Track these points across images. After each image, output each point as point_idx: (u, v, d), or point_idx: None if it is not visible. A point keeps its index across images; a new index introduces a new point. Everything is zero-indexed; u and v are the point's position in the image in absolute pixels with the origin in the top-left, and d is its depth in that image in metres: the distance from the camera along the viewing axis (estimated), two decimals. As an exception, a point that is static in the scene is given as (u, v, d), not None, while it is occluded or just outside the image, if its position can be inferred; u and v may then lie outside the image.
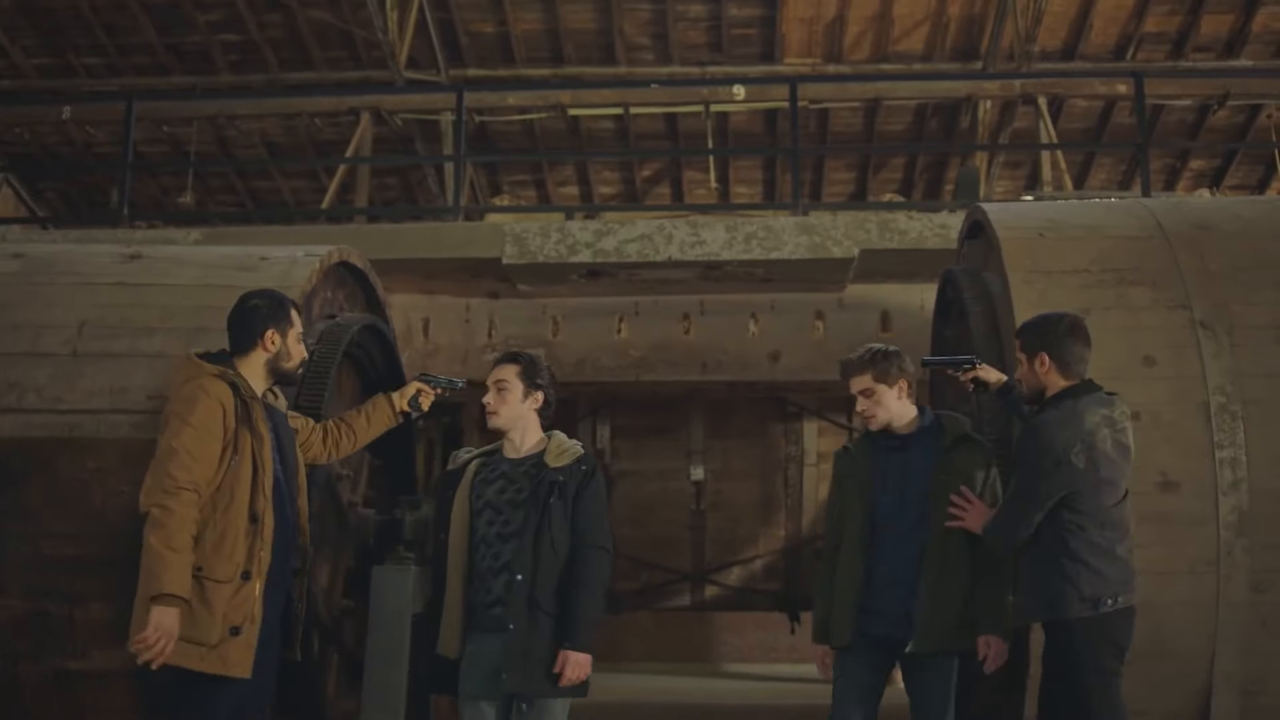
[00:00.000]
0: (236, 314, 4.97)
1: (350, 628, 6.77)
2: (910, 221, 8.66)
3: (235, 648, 4.49)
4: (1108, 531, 4.65)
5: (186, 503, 4.41)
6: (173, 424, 4.51)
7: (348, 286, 7.08)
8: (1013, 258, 5.73)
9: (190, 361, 4.75)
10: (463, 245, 8.79)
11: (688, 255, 8.59)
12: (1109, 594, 4.62)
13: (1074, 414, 4.67)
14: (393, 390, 7.12)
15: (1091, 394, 4.75)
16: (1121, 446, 4.70)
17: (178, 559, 4.34)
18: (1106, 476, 4.64)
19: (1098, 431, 4.64)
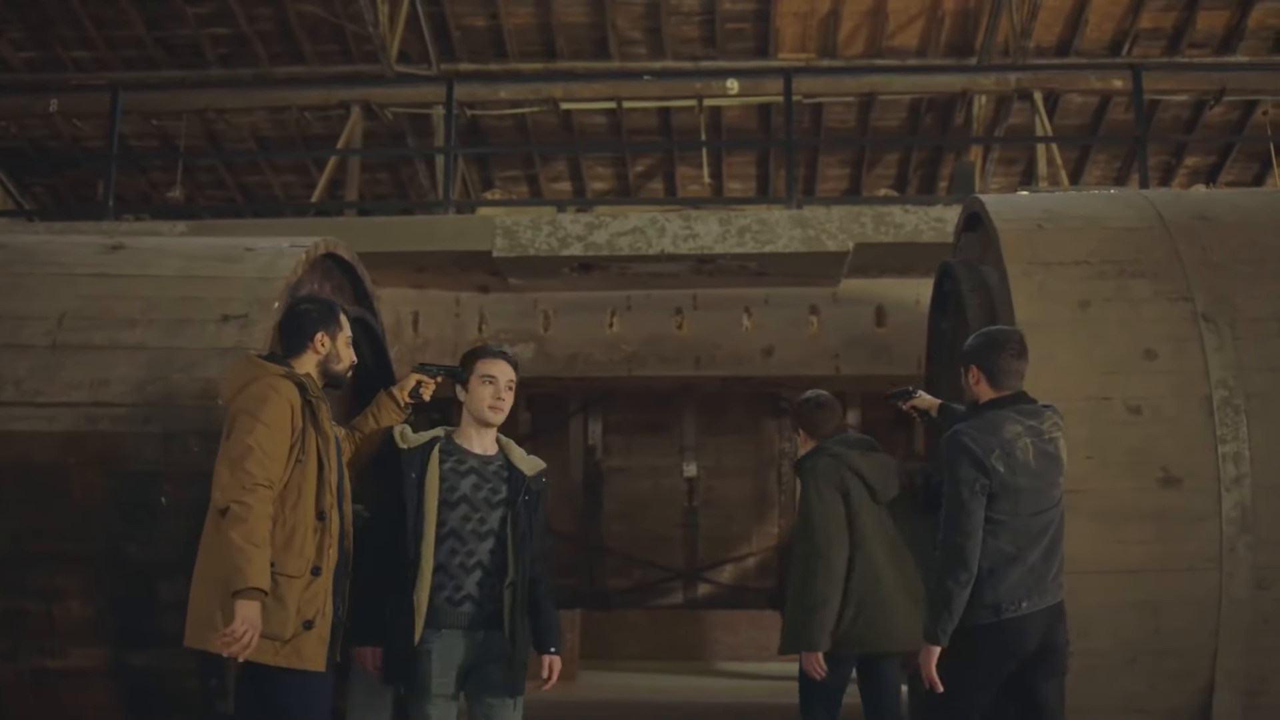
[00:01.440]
0: (288, 317, 5.06)
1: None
2: (906, 215, 8.56)
3: (309, 642, 4.56)
4: (1020, 539, 4.69)
5: (264, 499, 4.46)
6: (245, 422, 4.55)
7: (335, 279, 6.96)
8: (1011, 249, 5.63)
9: (253, 362, 4.82)
10: (453, 238, 8.67)
11: (681, 248, 8.48)
12: (1011, 600, 4.66)
13: (992, 423, 4.79)
14: (386, 384, 7.05)
15: (1017, 406, 4.85)
16: (1047, 456, 4.77)
17: (259, 553, 4.39)
18: (1025, 485, 4.70)
19: (1017, 441, 4.73)
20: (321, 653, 4.61)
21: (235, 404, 4.64)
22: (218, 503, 4.45)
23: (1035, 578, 4.69)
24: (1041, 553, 4.72)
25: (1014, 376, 4.91)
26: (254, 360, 4.84)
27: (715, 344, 9.28)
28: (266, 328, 5.71)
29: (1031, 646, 4.69)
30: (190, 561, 5.22)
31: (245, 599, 4.34)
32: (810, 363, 9.20)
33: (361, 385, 7.18)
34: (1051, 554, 4.75)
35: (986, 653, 4.70)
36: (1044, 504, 4.76)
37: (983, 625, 4.66)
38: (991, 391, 4.93)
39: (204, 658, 5.22)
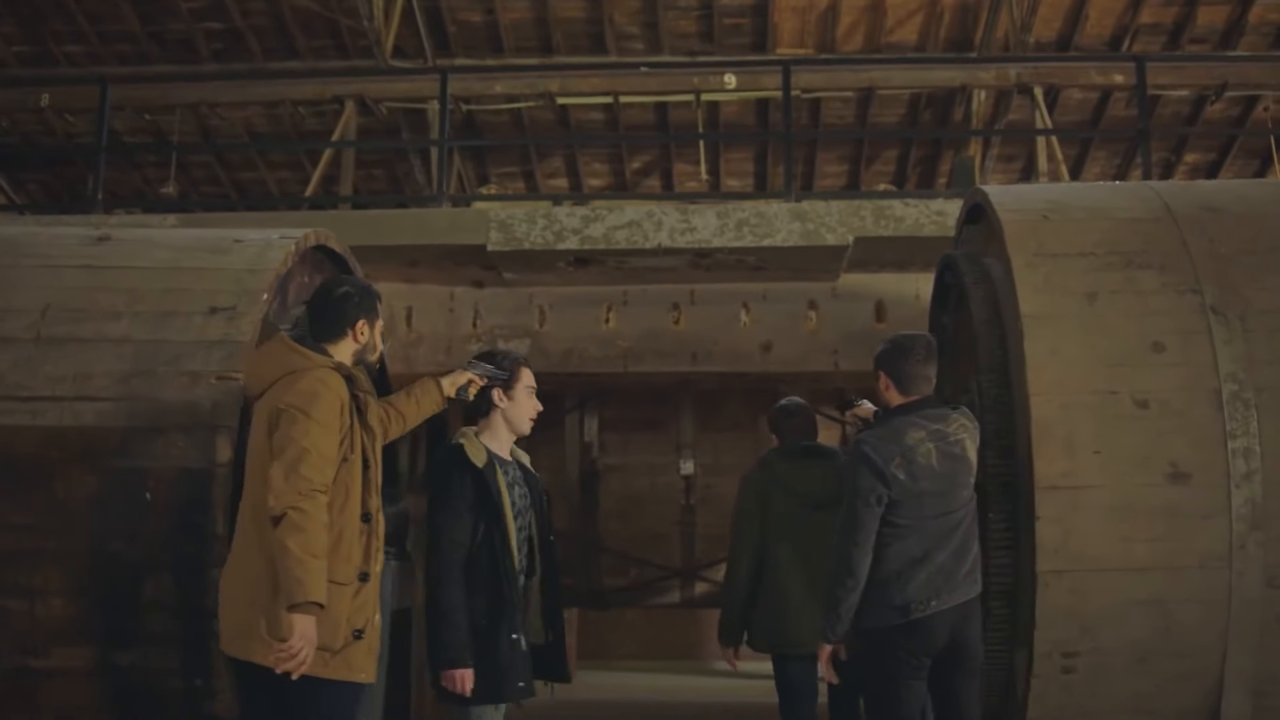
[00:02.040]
0: (327, 301, 4.76)
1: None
2: (906, 208, 8.44)
3: (359, 652, 4.38)
4: (926, 541, 4.89)
5: (321, 505, 4.24)
6: (300, 421, 4.27)
7: (326, 272, 6.83)
8: (1015, 240, 5.51)
9: (294, 349, 4.54)
10: (447, 231, 8.54)
11: (678, 242, 8.36)
12: (919, 600, 4.85)
13: (895, 430, 5.01)
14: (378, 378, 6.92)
15: (922, 410, 5.05)
16: (952, 458, 4.95)
17: (318, 565, 4.17)
18: (928, 489, 4.90)
19: (919, 446, 4.93)
20: (372, 664, 4.44)
21: (283, 399, 4.33)
22: (272, 509, 4.18)
23: (944, 577, 4.87)
24: (950, 553, 4.90)
25: (921, 381, 5.12)
26: (294, 346, 4.55)
27: (713, 340, 9.16)
28: (255, 320, 5.60)
29: (941, 643, 4.88)
30: (175, 560, 5.16)
31: (303, 613, 4.13)
32: (809, 359, 9.09)
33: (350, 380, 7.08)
34: (962, 553, 4.93)
35: (899, 652, 4.90)
36: (951, 505, 4.94)
37: (894, 626, 4.86)
38: (900, 397, 5.15)
39: (191, 658, 5.15)
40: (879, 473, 4.85)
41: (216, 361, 5.44)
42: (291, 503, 4.15)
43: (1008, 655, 5.41)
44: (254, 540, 4.32)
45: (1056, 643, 5.05)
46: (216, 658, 5.16)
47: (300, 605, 4.11)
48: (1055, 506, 5.01)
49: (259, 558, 4.27)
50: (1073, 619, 5.03)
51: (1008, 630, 5.36)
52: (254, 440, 4.48)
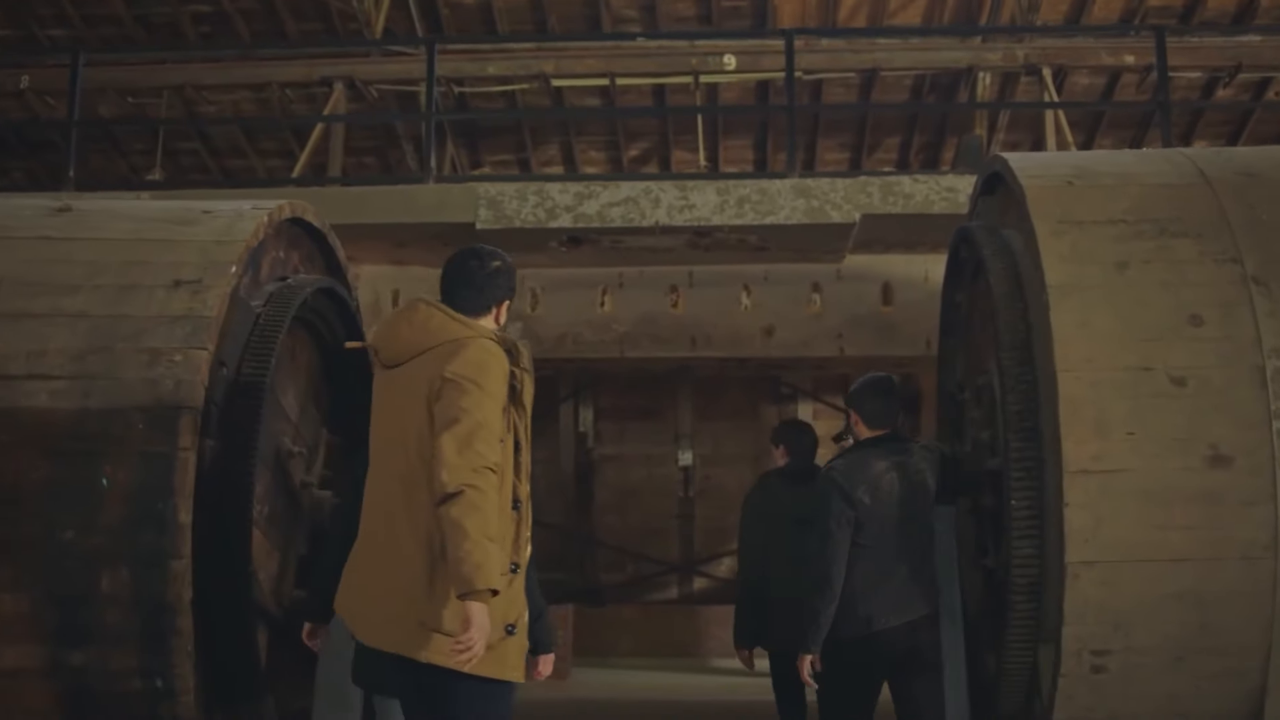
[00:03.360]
0: (480, 273, 4.33)
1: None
2: (915, 185, 8.06)
3: (512, 648, 4.00)
4: (887, 562, 5.31)
5: (494, 484, 3.85)
6: (472, 392, 3.86)
7: (303, 247, 6.47)
8: (1039, 206, 5.13)
9: (452, 315, 4.10)
10: (435, 209, 8.16)
11: (676, 220, 7.97)
12: (881, 614, 5.26)
13: (861, 460, 5.47)
14: (360, 361, 6.53)
15: (886, 444, 5.53)
16: (914, 486, 5.44)
17: (496, 550, 3.80)
18: (891, 514, 5.34)
19: (883, 475, 5.38)
20: (522, 661, 4.06)
21: (449, 367, 3.89)
22: (445, 485, 3.75)
23: (903, 594, 5.29)
24: (909, 572, 5.33)
25: (883, 416, 5.60)
26: (451, 313, 4.11)
27: (712, 323, 8.79)
28: (221, 294, 5.24)
29: (899, 653, 5.29)
30: (134, 550, 4.80)
31: (480, 600, 3.72)
32: (812, 343, 8.73)
33: (332, 362, 6.70)
34: (919, 573, 5.37)
35: (860, 660, 5.32)
36: (910, 530, 5.38)
37: (857, 637, 5.27)
38: (868, 431, 5.61)
39: (151, 657, 4.79)
40: (846, 497, 5.31)
41: (180, 338, 5.09)
42: (467, 480, 3.75)
43: (1031, 653, 5.03)
44: (402, 519, 3.94)
45: (1086, 640, 4.67)
46: (179, 656, 4.82)
47: (478, 593, 3.71)
48: (1085, 492, 4.63)
49: (409, 538, 3.90)
50: (1104, 614, 4.65)
51: (1031, 627, 4.98)
52: (399, 409, 4.03)
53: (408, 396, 3.98)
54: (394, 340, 4.12)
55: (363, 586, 4.02)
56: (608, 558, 11.36)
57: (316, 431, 6.46)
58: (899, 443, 5.59)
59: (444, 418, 3.83)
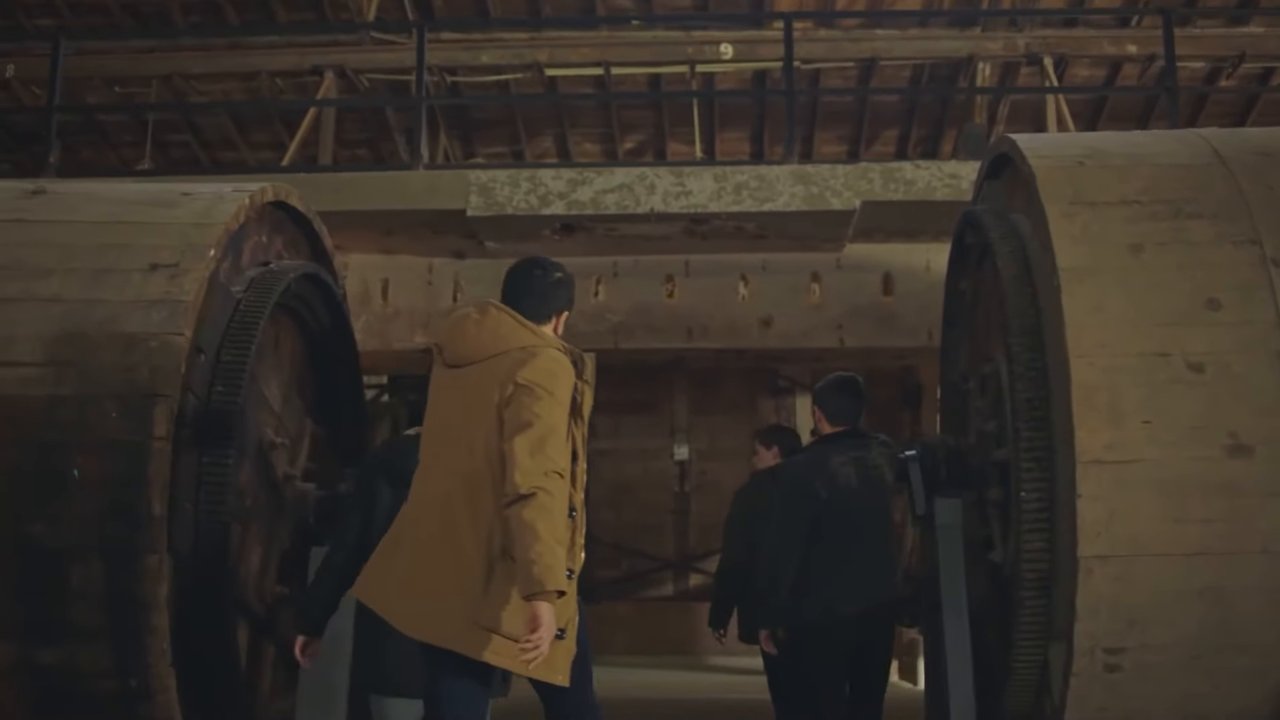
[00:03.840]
0: (543, 282, 4.37)
1: (287, 617, 5.95)
2: (917, 171, 7.85)
3: (560, 652, 3.99)
4: (844, 551, 5.74)
5: (563, 489, 3.94)
6: (544, 399, 3.92)
7: (287, 233, 6.27)
8: (1049, 188, 4.93)
9: (521, 321, 4.14)
10: (425, 195, 7.94)
11: (672, 207, 7.77)
12: (839, 600, 5.71)
13: (821, 455, 5.92)
14: (346, 350, 6.37)
15: (846, 440, 5.94)
16: (870, 481, 5.86)
17: (563, 552, 3.88)
18: (846, 506, 5.76)
19: (841, 470, 5.80)
20: (568, 665, 4.05)
21: (521, 373, 3.94)
22: (517, 487, 3.80)
23: (861, 582, 5.75)
24: (867, 560, 5.78)
25: (844, 414, 5.99)
26: (521, 320, 4.14)
27: (709, 314, 8.59)
28: (200, 278, 5.04)
29: (856, 635, 5.77)
30: (106, 544, 4.61)
31: (547, 601, 3.76)
32: (812, 334, 8.53)
33: (317, 350, 6.51)
34: (877, 561, 5.83)
35: (821, 642, 5.80)
36: (867, 521, 5.84)
37: (817, 622, 5.75)
38: (829, 427, 6.02)
39: (125, 656, 4.60)
40: (804, 491, 5.79)
41: (156, 323, 4.89)
42: (539, 483, 3.82)
43: (1040, 651, 4.84)
44: (463, 517, 3.99)
45: (1099, 637, 4.47)
46: (155, 655, 4.62)
47: (546, 594, 3.75)
48: (1099, 483, 4.42)
49: (470, 537, 3.96)
50: (1118, 610, 4.44)
51: (1041, 624, 4.78)
52: (464, 409, 4.07)
53: (476, 398, 4.02)
54: (462, 341, 4.15)
55: (411, 580, 4.02)
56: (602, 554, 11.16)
57: (301, 422, 6.27)
58: (858, 438, 5.97)
59: (517, 422, 3.89)
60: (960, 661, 5.20)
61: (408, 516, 4.13)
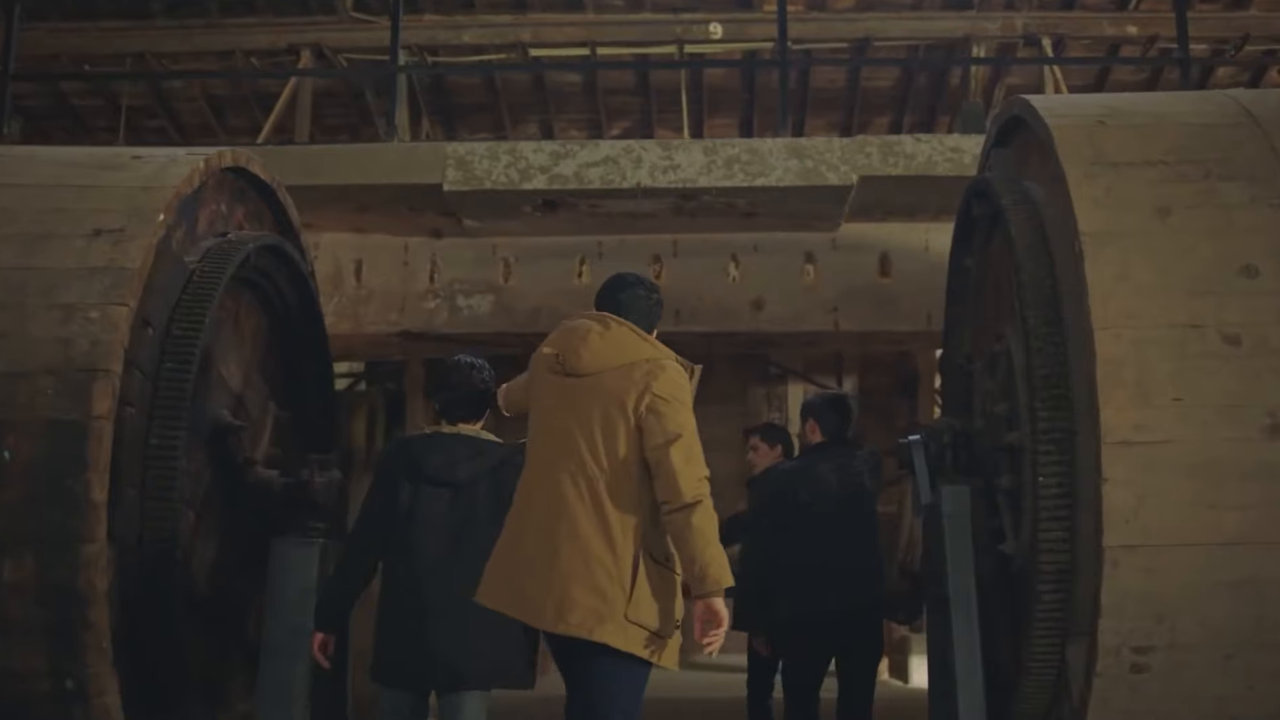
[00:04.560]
0: (646, 301, 4.48)
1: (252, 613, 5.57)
2: (917, 145, 7.44)
3: (675, 642, 4.23)
4: (826, 552, 6.00)
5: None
6: (682, 411, 4.16)
7: (249, 204, 5.88)
8: (1068, 148, 4.54)
9: (644, 337, 4.33)
10: (399, 169, 7.50)
11: (659, 182, 7.35)
12: (823, 599, 5.97)
13: (808, 463, 6.35)
14: (311, 329, 6.04)
15: (833, 449, 6.32)
16: (853, 488, 6.21)
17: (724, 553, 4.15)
18: (829, 511, 6.10)
19: (825, 476, 6.17)
20: (677, 655, 4.26)
21: (656, 386, 4.12)
22: (683, 495, 4.00)
23: (843, 581, 5.98)
24: (850, 562, 6.03)
25: (834, 428, 6.38)
26: (643, 335, 4.34)
27: (697, 296, 8.17)
28: (146, 244, 4.65)
29: (842, 632, 6.05)
30: (40, 532, 4.21)
31: (719, 596, 4.06)
32: (806, 317, 8.13)
33: (281, 329, 6.12)
34: (859, 563, 6.08)
35: (808, 639, 6.13)
36: (850, 525, 6.12)
37: (804, 619, 6.05)
38: (820, 437, 6.38)
39: (61, 654, 4.21)
40: (790, 492, 6.20)
41: (98, 292, 4.50)
42: (700, 490, 4.07)
43: (1058, 650, 4.46)
44: (594, 520, 4.10)
45: (1126, 635, 4.09)
46: (94, 654, 4.23)
47: (720, 590, 4.04)
48: (1126, 466, 4.04)
49: (601, 538, 4.08)
50: (1146, 605, 4.07)
51: (1060, 620, 4.40)
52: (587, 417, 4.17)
53: (605, 407, 4.15)
54: (586, 351, 4.25)
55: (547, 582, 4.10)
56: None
57: (263, 405, 5.87)
58: (843, 447, 6.39)
59: (665, 433, 4.07)
60: (969, 660, 4.82)
61: (529, 522, 4.23)
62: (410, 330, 8.18)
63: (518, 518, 4.28)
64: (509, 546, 4.27)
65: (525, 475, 4.35)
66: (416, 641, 4.60)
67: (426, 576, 4.69)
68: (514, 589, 4.18)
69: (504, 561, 4.26)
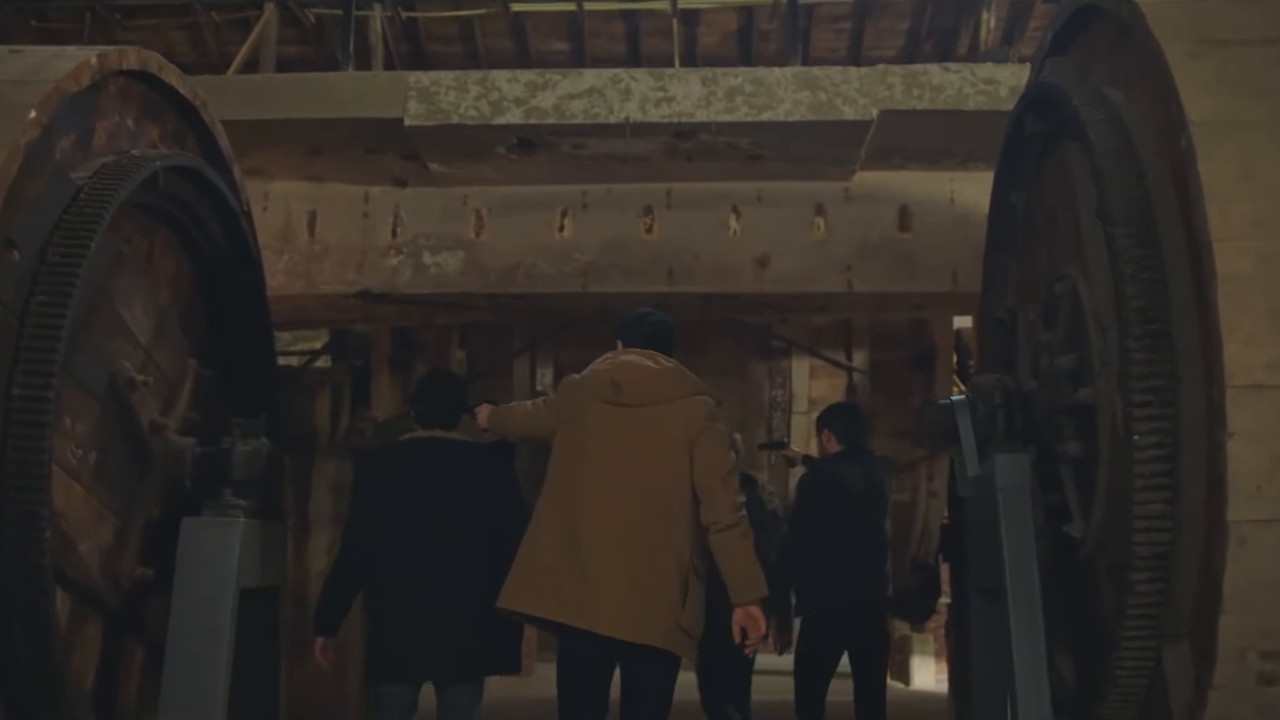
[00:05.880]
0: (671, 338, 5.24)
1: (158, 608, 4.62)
2: (946, 75, 6.48)
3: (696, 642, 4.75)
4: (848, 553, 6.68)
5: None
6: (725, 443, 4.83)
7: (165, 123, 4.95)
8: (1164, 26, 3.62)
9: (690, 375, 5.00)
10: (354, 101, 6.53)
11: (651, 115, 6.40)
12: (839, 598, 6.67)
13: (835, 469, 6.87)
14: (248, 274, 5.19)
15: (852, 456, 6.90)
16: (870, 493, 6.82)
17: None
18: (853, 513, 6.72)
19: (850, 481, 6.74)
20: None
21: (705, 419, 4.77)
22: (725, 518, 4.61)
23: (859, 581, 6.72)
24: (865, 564, 6.76)
25: (851, 434, 6.97)
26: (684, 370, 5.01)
27: (694, 252, 7.23)
28: (12, 146, 3.69)
29: (853, 631, 6.76)
30: None
31: (759, 604, 4.66)
32: (815, 276, 7.19)
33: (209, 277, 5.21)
34: (874, 565, 6.83)
35: (827, 633, 6.80)
36: (869, 529, 6.82)
37: (826, 614, 6.78)
38: (838, 446, 6.92)
39: None
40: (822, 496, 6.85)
41: (-56, 206, 3.54)
42: (741, 513, 4.67)
43: (1152, 655, 3.54)
44: (662, 540, 4.60)
45: (1254, 636, 3.17)
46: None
47: (762, 598, 4.66)
48: (1257, 417, 3.13)
49: (668, 557, 4.58)
50: (1279, 597, 3.16)
51: (1156, 617, 3.49)
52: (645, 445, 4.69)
53: (663, 437, 4.69)
54: (645, 385, 4.80)
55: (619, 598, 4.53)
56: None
57: (181, 362, 4.93)
58: (862, 453, 6.99)
59: (715, 463, 4.68)
60: (1033, 668, 3.91)
61: (587, 539, 4.56)
62: (370, 290, 7.23)
63: (563, 533, 4.60)
64: (557, 559, 4.58)
65: (561, 492, 4.69)
66: (415, 639, 5.04)
67: (416, 575, 5.08)
68: (579, 601, 4.53)
69: (550, 572, 4.59)
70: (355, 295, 7.23)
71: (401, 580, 5.08)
